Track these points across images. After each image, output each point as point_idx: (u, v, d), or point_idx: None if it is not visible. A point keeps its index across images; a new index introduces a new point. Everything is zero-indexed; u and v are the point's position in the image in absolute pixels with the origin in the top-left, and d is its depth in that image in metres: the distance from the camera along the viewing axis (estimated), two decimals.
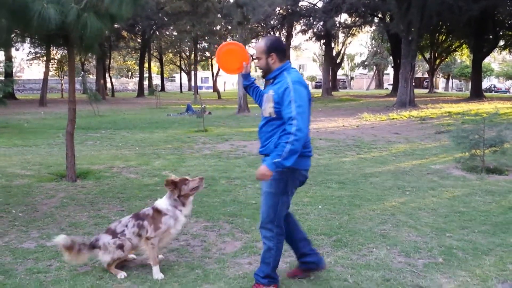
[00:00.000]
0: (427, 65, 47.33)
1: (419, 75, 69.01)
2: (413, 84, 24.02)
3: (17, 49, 37.03)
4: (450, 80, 65.00)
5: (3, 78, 20.46)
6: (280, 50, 3.22)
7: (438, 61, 43.75)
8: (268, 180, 3.08)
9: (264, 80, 3.35)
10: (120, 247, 3.61)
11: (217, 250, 4.15)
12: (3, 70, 22.68)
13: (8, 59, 30.51)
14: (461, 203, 5.57)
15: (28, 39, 7.24)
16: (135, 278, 3.56)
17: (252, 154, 9.49)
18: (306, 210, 5.37)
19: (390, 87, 45.27)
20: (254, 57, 3.31)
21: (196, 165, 8.30)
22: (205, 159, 8.96)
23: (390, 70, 64.17)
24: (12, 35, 7.41)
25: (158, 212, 3.67)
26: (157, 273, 3.55)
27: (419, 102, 24.23)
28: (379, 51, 63.39)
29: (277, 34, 50.07)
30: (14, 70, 36.29)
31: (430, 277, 3.51)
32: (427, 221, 4.91)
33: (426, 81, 59.57)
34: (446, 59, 48.55)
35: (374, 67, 70.16)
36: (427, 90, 48.36)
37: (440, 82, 68.81)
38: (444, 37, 39.52)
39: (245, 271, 3.68)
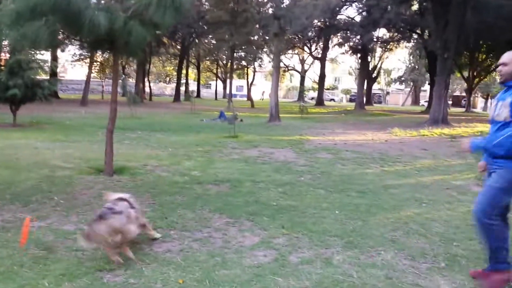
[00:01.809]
0: (466, 84, 46.50)
1: (457, 93, 67.77)
2: (448, 102, 23.83)
3: (62, 51, 38.79)
4: (489, 100, 63.48)
5: (48, 78, 21.59)
6: None
7: (476, 80, 42.96)
8: (497, 175, 3.51)
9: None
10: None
11: (236, 242, 4.53)
12: (49, 69, 23.88)
13: (54, 59, 32.08)
14: None
15: (76, 42, 7.88)
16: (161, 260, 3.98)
17: (278, 160, 9.86)
18: (323, 214, 5.69)
19: (427, 104, 44.74)
20: (500, 62, 3.60)
21: (223, 167, 8.74)
22: (233, 162, 9.39)
23: (427, 87, 63.36)
24: (61, 37, 8.04)
25: None
26: None
27: (453, 120, 23.99)
28: (416, 67, 62.71)
29: (313, 46, 50.49)
30: (58, 70, 37.94)
31: (430, 279, 3.79)
32: (437, 231, 5.15)
33: (465, 100, 58.46)
34: (485, 79, 47.59)
35: (411, 83, 69.35)
36: (464, 109, 47.49)
37: (479, 101, 67.28)
38: (483, 56, 38.90)
39: (260, 262, 4.05)
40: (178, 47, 47.26)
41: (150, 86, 49.96)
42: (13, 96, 13.62)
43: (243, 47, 39.28)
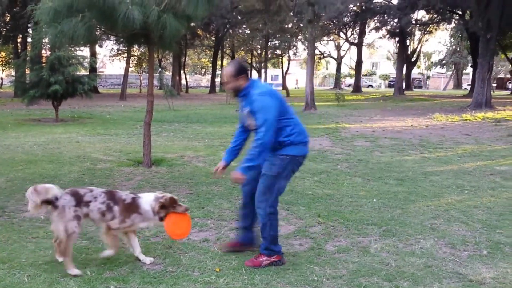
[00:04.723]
0: (510, 65, 44.50)
1: (501, 75, 65.04)
2: (491, 84, 22.90)
3: (100, 46, 39.78)
4: None
5: (88, 73, 22.20)
6: (246, 71, 3.71)
7: None
8: (269, 164, 3.61)
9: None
10: (77, 218, 3.53)
11: None
12: (88, 65, 24.54)
13: (93, 54, 32.94)
14: None
15: (113, 37, 8.05)
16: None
17: (314, 149, 9.78)
18: (360, 202, 5.61)
19: (469, 88, 43.15)
20: (223, 81, 3.73)
21: None
22: None
23: (470, 70, 61.06)
24: (98, 33, 8.22)
25: (135, 206, 3.65)
26: (145, 258, 3.70)
27: (497, 103, 23.11)
28: (458, 49, 60.48)
29: (349, 32, 49.59)
30: (97, 66, 38.95)
31: (471, 267, 3.68)
32: (480, 218, 4.99)
33: (510, 82, 56.05)
34: None
35: (453, 66, 67.00)
36: (509, 92, 45.54)
37: None
38: None
39: (296, 250, 4.05)
40: (213, 38, 47.48)
41: (186, 79, 50.53)
42: (54, 92, 14.07)
43: (277, 36, 39.08)
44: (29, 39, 27.52)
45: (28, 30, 27.47)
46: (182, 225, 3.74)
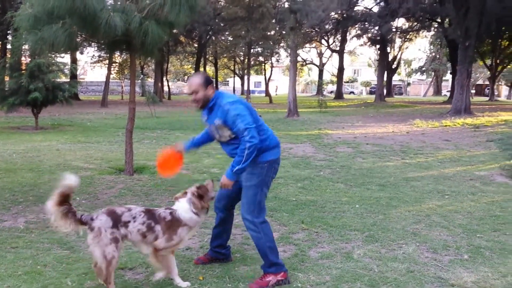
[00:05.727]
0: (489, 72, 45.45)
1: (480, 82, 66.34)
2: (470, 91, 23.31)
3: (81, 53, 39.29)
4: None
5: (68, 80, 21.93)
6: (212, 82, 3.69)
7: (500, 67, 41.90)
8: (249, 174, 3.54)
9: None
10: (115, 241, 3.23)
11: None
12: (69, 72, 24.24)
13: (73, 61, 32.57)
14: (498, 208, 5.66)
15: (94, 44, 7.98)
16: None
17: (297, 156, 9.83)
18: (343, 208, 5.65)
19: (449, 94, 43.87)
20: (191, 92, 3.62)
21: None
22: None
23: (449, 77, 62.13)
24: (79, 39, 8.13)
25: (177, 220, 3.42)
26: (181, 282, 3.44)
27: (476, 109, 23.52)
28: (437, 56, 61.58)
29: (331, 39, 50.08)
30: (78, 72, 38.46)
31: (453, 271, 3.73)
32: (460, 222, 5.06)
33: (488, 89, 57.23)
34: (509, 66, 46.36)
35: (432, 73, 68.14)
36: (488, 98, 46.45)
37: (504, 89, 65.64)
38: (507, 43, 37.89)
39: (280, 257, 4.03)
40: (195, 45, 47.44)
41: (168, 85, 50.29)
42: (34, 100, 13.87)
43: (260, 43, 39.20)
44: (8, 46, 27.08)
45: (8, 36, 27.04)
46: (172, 163, 3.87)
